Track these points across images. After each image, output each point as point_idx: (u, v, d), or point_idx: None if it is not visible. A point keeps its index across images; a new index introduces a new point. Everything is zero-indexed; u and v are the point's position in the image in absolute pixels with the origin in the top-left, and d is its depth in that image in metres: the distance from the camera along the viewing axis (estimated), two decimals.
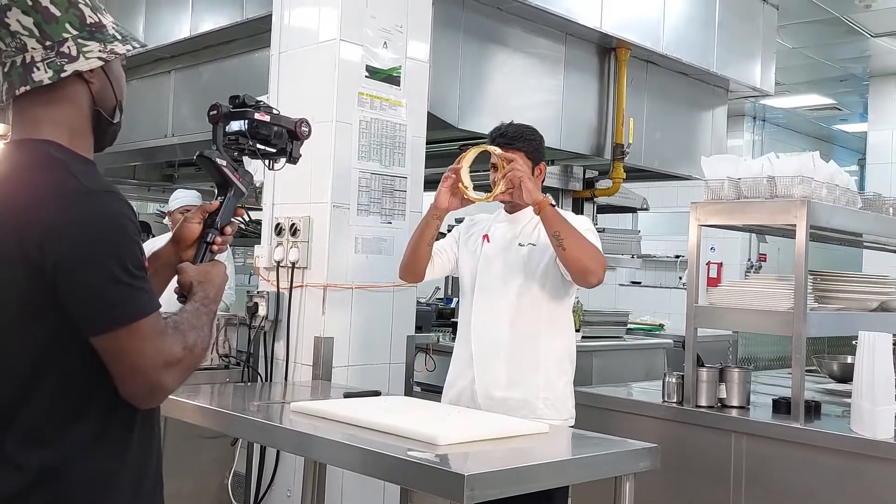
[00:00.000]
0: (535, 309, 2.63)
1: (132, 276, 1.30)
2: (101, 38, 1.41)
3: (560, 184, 4.85)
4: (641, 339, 5.09)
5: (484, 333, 2.68)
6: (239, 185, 1.64)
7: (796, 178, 2.71)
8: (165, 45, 4.94)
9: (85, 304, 1.28)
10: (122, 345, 1.29)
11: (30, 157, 1.36)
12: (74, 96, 1.41)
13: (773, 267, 8.86)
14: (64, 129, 1.39)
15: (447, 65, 3.99)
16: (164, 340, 1.32)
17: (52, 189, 1.31)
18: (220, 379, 3.37)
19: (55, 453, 1.31)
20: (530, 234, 2.67)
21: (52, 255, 1.26)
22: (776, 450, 2.63)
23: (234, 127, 1.68)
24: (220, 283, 1.51)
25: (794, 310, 2.65)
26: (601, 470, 2.08)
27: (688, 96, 5.36)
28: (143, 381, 1.31)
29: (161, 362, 1.31)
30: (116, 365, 1.30)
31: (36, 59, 1.36)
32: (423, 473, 1.84)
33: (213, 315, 1.46)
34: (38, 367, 1.31)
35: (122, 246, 1.30)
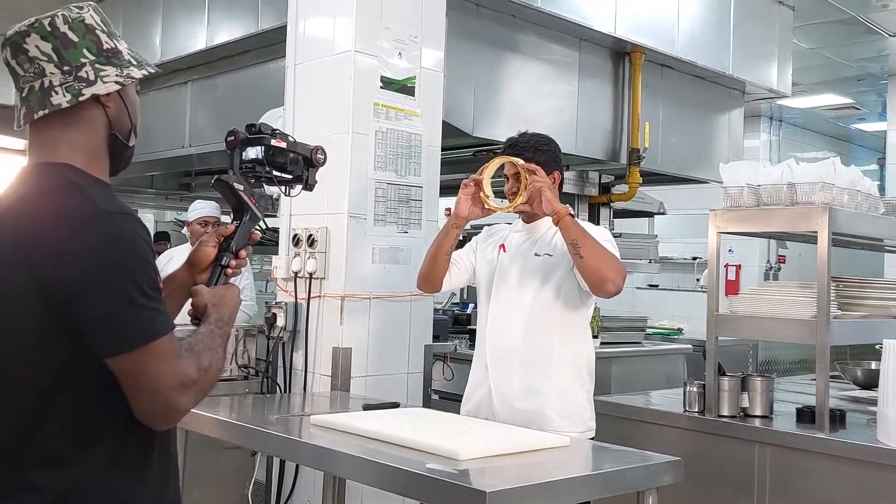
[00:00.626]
0: (548, 319, 2.61)
1: (147, 297, 1.30)
2: (118, 63, 1.44)
3: (576, 189, 4.83)
4: (660, 344, 5.06)
5: (498, 343, 2.67)
6: (254, 209, 1.65)
7: (817, 185, 2.69)
8: (182, 57, 4.97)
9: (100, 326, 1.28)
10: (138, 366, 1.29)
11: (46, 181, 1.38)
12: (91, 120, 1.42)
13: (793, 269, 8.78)
14: (81, 152, 1.41)
15: (461, 73, 3.98)
16: (180, 361, 1.32)
17: (67, 212, 1.32)
18: (239, 390, 3.38)
19: (73, 476, 1.31)
20: (547, 244, 2.65)
21: (66, 277, 1.27)
22: (801, 460, 2.60)
23: (251, 154, 1.70)
24: (233, 305, 1.52)
25: (817, 318, 2.63)
26: (624, 485, 2.06)
27: (703, 99, 5.32)
28: (159, 402, 1.31)
29: (176, 383, 1.31)
30: (132, 386, 1.30)
31: (54, 84, 1.38)
32: (444, 489, 1.83)
33: (226, 337, 1.47)
34: (53, 389, 1.31)
35: (137, 267, 1.31)
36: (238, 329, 3.56)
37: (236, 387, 3.41)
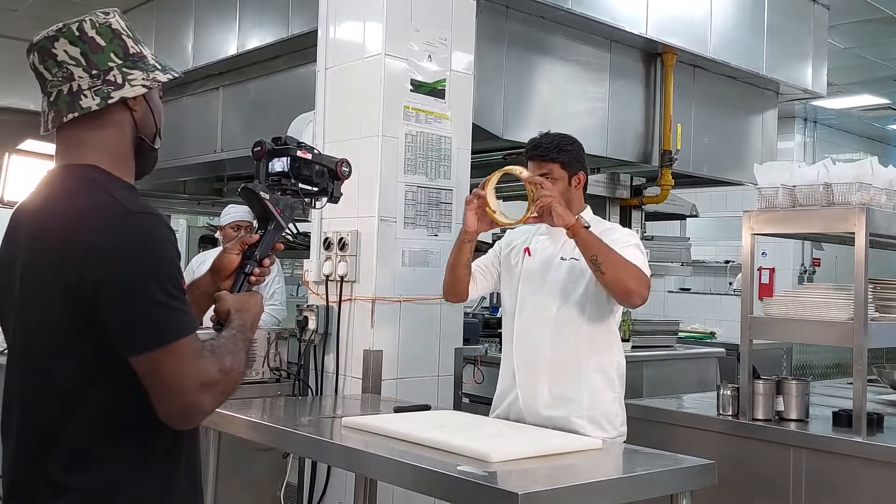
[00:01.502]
0: (576, 325, 2.58)
1: (171, 296, 1.31)
2: (144, 68, 1.46)
3: (607, 192, 4.80)
4: (693, 347, 5.00)
5: (525, 350, 2.64)
6: (280, 219, 1.66)
7: (854, 185, 2.64)
8: (213, 63, 5.03)
9: (124, 325, 1.30)
10: (160, 365, 1.30)
11: (72, 182, 1.40)
12: (119, 122, 1.45)
13: (829, 273, 8.63)
14: (107, 154, 1.43)
15: (491, 76, 3.98)
16: (202, 362, 1.33)
17: (93, 211, 1.33)
18: (271, 392, 3.40)
19: (101, 476, 1.33)
20: (572, 248, 2.59)
21: (92, 276, 1.29)
22: (838, 465, 2.55)
23: (277, 167, 1.72)
24: (256, 312, 1.53)
25: (855, 320, 2.58)
26: (657, 488, 2.04)
27: (737, 100, 5.26)
28: (181, 402, 1.32)
29: (198, 383, 1.31)
30: (154, 385, 1.31)
31: (83, 87, 1.41)
32: (476, 491, 1.83)
33: (249, 343, 1.47)
34: (82, 388, 1.33)
35: (162, 267, 1.32)
36: (270, 332, 3.59)
37: (268, 389, 3.44)
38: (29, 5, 5.86)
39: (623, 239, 2.55)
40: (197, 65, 5.12)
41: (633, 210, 4.96)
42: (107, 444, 1.33)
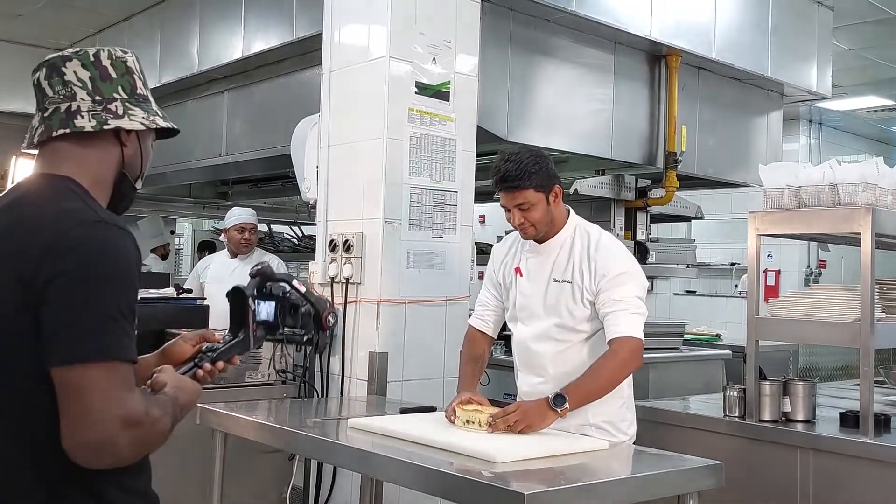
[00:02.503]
0: (576, 343, 2.52)
1: (123, 316, 1.25)
2: (147, 109, 1.48)
3: (612, 194, 4.80)
4: (698, 350, 4.99)
5: (529, 369, 2.61)
6: (251, 337, 1.62)
7: (860, 185, 2.64)
8: (219, 66, 5.04)
9: (62, 328, 1.21)
10: (87, 382, 1.19)
11: (48, 186, 1.38)
12: (106, 151, 1.44)
13: (835, 275, 8.61)
14: (87, 174, 1.41)
15: (496, 78, 3.99)
16: (132, 395, 1.24)
17: (62, 214, 1.31)
18: (276, 394, 3.41)
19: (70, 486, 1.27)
20: (564, 268, 2.53)
21: (46, 272, 1.23)
22: (845, 466, 2.55)
23: (263, 315, 1.66)
24: (192, 398, 1.44)
25: (861, 321, 2.57)
26: (663, 488, 2.04)
27: (741, 101, 5.26)
28: (95, 431, 1.19)
29: (122, 415, 1.20)
30: (71, 405, 1.20)
31: (82, 109, 1.41)
32: (482, 492, 1.83)
33: (176, 418, 1.35)
34: (37, 393, 1.25)
35: (121, 282, 1.27)
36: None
37: (274, 391, 3.44)
38: (34, 11, 5.89)
39: (615, 270, 2.45)
40: (202, 68, 5.14)
41: (637, 212, 4.95)
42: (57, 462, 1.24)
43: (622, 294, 2.42)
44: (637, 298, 2.44)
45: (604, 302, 2.43)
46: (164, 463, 3.11)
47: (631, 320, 2.40)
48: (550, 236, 2.57)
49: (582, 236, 2.55)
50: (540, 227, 2.53)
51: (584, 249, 2.51)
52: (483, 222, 9.10)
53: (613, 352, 2.39)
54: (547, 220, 2.52)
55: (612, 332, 2.40)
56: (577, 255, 2.52)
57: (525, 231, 2.54)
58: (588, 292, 2.47)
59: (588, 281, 2.47)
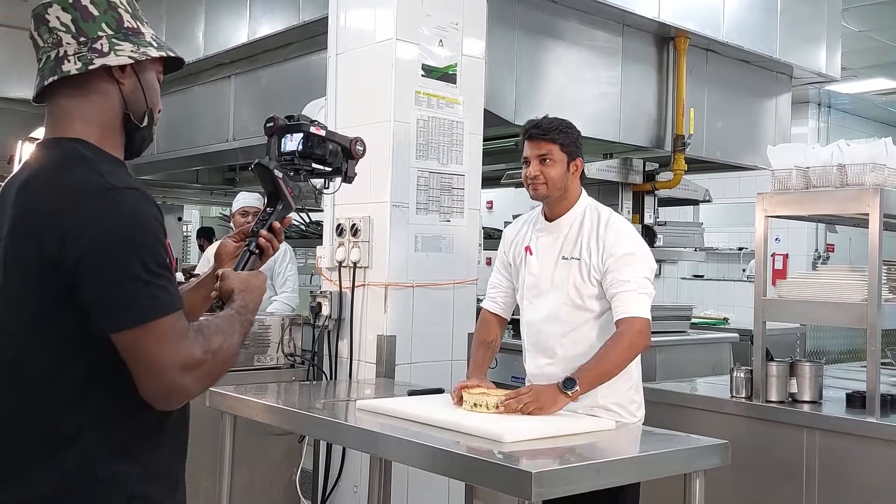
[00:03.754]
0: (586, 321, 2.52)
1: (153, 273, 1.28)
2: (136, 42, 1.43)
3: (620, 177, 4.79)
4: (706, 333, 4.99)
5: (536, 353, 2.62)
6: (289, 198, 1.62)
7: (868, 166, 2.63)
8: (225, 51, 5.04)
9: (103, 301, 1.27)
10: (140, 343, 1.27)
11: (56, 156, 1.37)
12: (104, 93, 1.41)
13: (843, 258, 8.58)
14: (94, 126, 1.40)
15: (503, 61, 3.98)
16: (183, 343, 1.29)
17: (75, 186, 1.31)
18: (285, 377, 3.43)
19: (83, 457, 1.30)
20: (573, 245, 2.54)
21: (72, 251, 1.26)
22: (851, 445, 2.55)
23: (289, 146, 1.67)
24: (259, 293, 1.49)
25: (868, 301, 2.57)
26: (670, 467, 2.05)
27: (750, 84, 5.23)
28: (161, 383, 1.28)
29: (179, 363, 1.28)
30: (134, 364, 1.28)
31: (69, 53, 1.38)
32: (491, 471, 1.84)
33: (247, 325, 1.43)
34: (58, 366, 1.30)
35: (144, 243, 1.29)
36: (284, 318, 3.62)
37: (283, 375, 3.46)
38: None
39: (623, 249, 2.45)
40: (208, 53, 5.14)
41: (645, 195, 4.94)
42: (88, 426, 1.30)
43: (629, 274, 2.43)
44: (644, 279, 2.45)
45: (611, 282, 2.44)
46: None
47: (638, 300, 2.41)
48: (561, 213, 2.58)
49: (592, 216, 2.56)
50: (552, 188, 2.51)
51: (594, 228, 2.52)
52: (490, 208, 9.11)
53: (620, 333, 2.40)
54: (561, 185, 2.52)
55: (620, 313, 2.41)
56: (587, 232, 2.52)
57: (537, 188, 2.52)
58: (595, 270, 2.48)
59: (596, 258, 2.48)
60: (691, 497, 2.02)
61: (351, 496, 3.31)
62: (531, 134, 2.54)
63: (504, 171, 5.49)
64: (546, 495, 1.73)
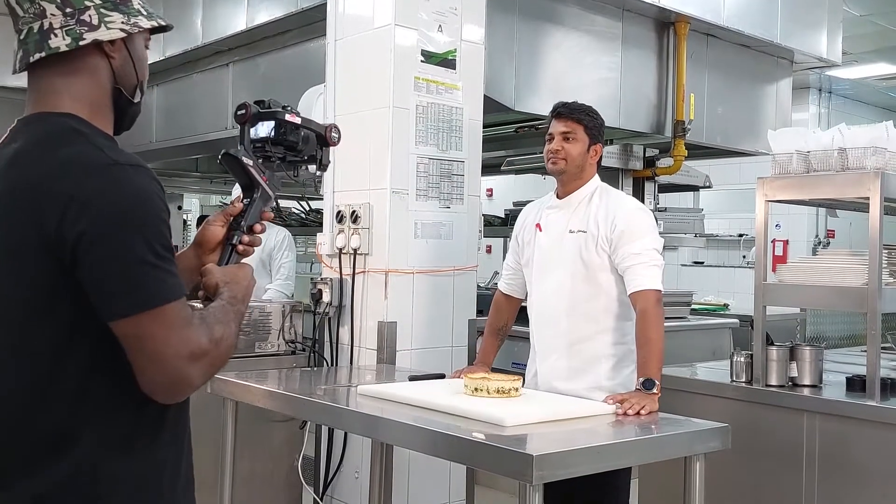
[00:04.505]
0: (593, 298, 2.58)
1: (159, 256, 1.20)
2: (126, 11, 1.33)
3: (620, 163, 4.78)
4: (706, 319, 5.00)
5: (542, 326, 2.67)
6: (266, 187, 1.54)
7: (869, 150, 2.62)
8: (223, 39, 5.02)
9: (105, 285, 1.18)
10: (145, 331, 1.19)
11: (48, 130, 1.27)
12: (94, 69, 1.32)
13: (843, 244, 8.58)
14: (83, 103, 1.31)
15: (502, 46, 3.96)
16: (191, 330, 1.22)
17: (75, 160, 1.22)
18: (286, 364, 3.43)
19: (82, 454, 1.22)
20: (581, 219, 2.61)
21: (72, 230, 1.17)
22: (851, 429, 2.56)
23: (261, 132, 1.58)
24: (246, 284, 1.41)
25: (869, 285, 2.57)
26: (671, 450, 2.06)
27: (750, 69, 5.21)
28: (166, 372, 1.21)
29: (186, 352, 1.21)
30: (137, 354, 1.20)
31: (55, 26, 1.28)
32: (492, 454, 1.85)
33: (240, 315, 1.36)
34: (56, 360, 1.22)
35: (149, 223, 1.21)
36: (284, 305, 3.62)
37: (284, 361, 3.47)
38: None
39: (631, 224, 2.53)
40: (206, 41, 5.12)
41: (645, 181, 4.93)
42: (87, 421, 1.22)
43: (639, 247, 2.50)
44: (654, 250, 2.53)
45: (623, 256, 2.51)
46: None
47: (650, 272, 2.49)
48: (573, 190, 2.66)
49: (602, 193, 2.66)
50: (570, 164, 2.62)
51: (602, 203, 2.61)
52: (490, 196, 9.10)
53: (643, 311, 2.47)
54: (579, 164, 2.63)
55: (633, 286, 2.49)
56: (595, 207, 2.62)
57: (556, 162, 2.63)
58: (604, 241, 2.54)
59: (604, 230, 2.55)
60: (691, 480, 2.03)
61: (352, 482, 3.32)
62: (559, 112, 2.66)
63: (504, 159, 5.48)
64: (547, 478, 1.74)
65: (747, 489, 2.79)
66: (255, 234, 1.51)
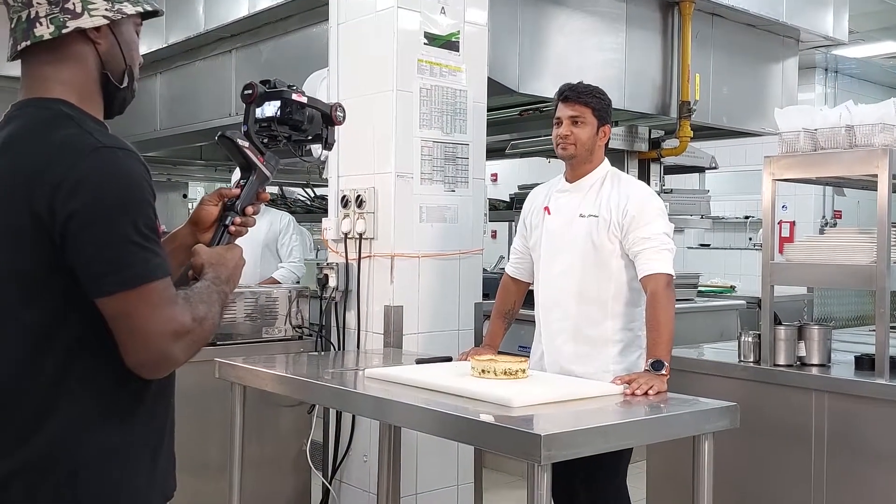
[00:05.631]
0: (602, 283, 2.57)
1: (144, 237, 1.25)
2: None
3: (625, 145, 4.76)
4: (713, 300, 4.99)
5: (550, 310, 2.66)
6: (262, 168, 1.55)
7: (877, 126, 2.60)
8: (225, 25, 5.00)
9: (93, 263, 1.23)
10: (129, 309, 1.23)
11: (39, 115, 1.32)
12: (81, 56, 1.35)
13: (851, 223, 8.54)
14: (72, 89, 1.34)
15: (506, 28, 3.94)
16: (174, 308, 1.26)
17: (66, 143, 1.26)
18: (293, 349, 3.44)
19: (64, 428, 1.26)
20: (592, 203, 2.60)
21: (63, 211, 1.22)
22: (860, 407, 2.55)
23: (267, 112, 1.58)
24: (233, 266, 1.44)
25: (877, 263, 2.56)
26: (679, 429, 2.05)
27: (756, 49, 5.17)
28: (150, 350, 1.25)
29: (170, 330, 1.25)
30: (122, 331, 1.25)
31: (40, 15, 1.32)
32: (500, 434, 1.85)
33: (224, 296, 1.39)
34: (43, 336, 1.26)
35: (135, 205, 1.25)
36: (291, 290, 3.62)
37: (291, 346, 3.47)
38: None
39: (643, 209, 2.53)
40: (209, 27, 5.09)
41: (651, 163, 4.92)
42: (70, 396, 1.26)
43: (651, 231, 2.51)
44: (665, 235, 2.53)
45: (634, 241, 2.51)
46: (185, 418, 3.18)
47: (661, 257, 2.49)
48: (583, 174, 2.65)
49: (613, 178, 2.65)
50: (580, 149, 2.60)
51: (614, 188, 2.60)
52: (495, 181, 9.07)
53: (653, 295, 2.47)
54: (588, 148, 2.62)
55: (645, 270, 2.49)
56: (606, 191, 2.61)
57: (565, 147, 2.62)
58: (616, 226, 2.54)
59: (616, 215, 2.54)
60: (700, 460, 2.03)
61: (361, 466, 3.33)
62: (566, 96, 2.63)
63: (508, 142, 5.46)
64: (555, 458, 1.74)
65: (756, 468, 2.79)
66: (247, 215, 1.53)
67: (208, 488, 3.26)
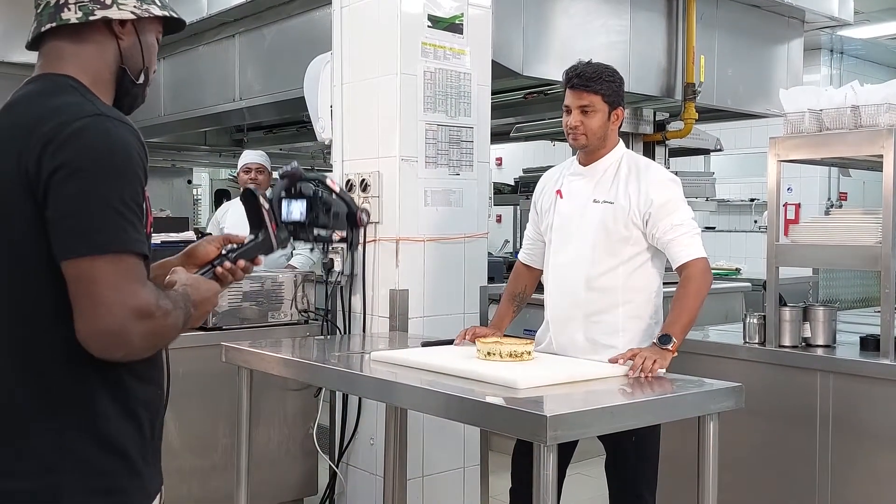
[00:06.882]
0: (613, 270, 2.51)
1: (127, 207, 1.22)
2: None
3: (630, 128, 4.75)
4: (718, 283, 4.98)
5: (559, 296, 2.61)
6: (271, 235, 1.55)
7: (883, 106, 2.59)
8: (228, 10, 4.98)
9: (67, 221, 1.20)
10: (97, 274, 1.18)
11: (46, 84, 1.34)
12: (101, 45, 1.38)
13: (857, 204, 8.51)
14: (86, 72, 1.36)
15: (510, 10, 3.91)
16: (143, 287, 1.22)
17: (64, 106, 1.27)
18: (299, 333, 3.46)
19: (52, 400, 1.25)
20: (607, 189, 2.53)
21: (48, 165, 1.20)
22: (865, 388, 2.56)
23: (294, 215, 1.59)
24: (205, 294, 1.39)
25: (883, 243, 2.56)
26: (684, 410, 2.06)
27: (761, 30, 5.14)
28: (107, 321, 1.19)
29: (133, 304, 1.20)
30: (83, 297, 1.19)
31: (69, 1, 1.35)
32: (506, 415, 1.86)
33: (188, 316, 1.32)
34: (39, 297, 1.24)
35: (123, 175, 1.23)
36: (297, 275, 3.63)
37: (297, 331, 3.49)
38: None
39: (668, 196, 2.47)
40: (212, 12, 5.08)
41: (656, 145, 4.90)
42: (55, 357, 1.24)
43: (680, 218, 2.46)
44: (693, 220, 2.49)
45: (664, 230, 2.46)
46: (192, 403, 3.20)
47: (694, 242, 2.46)
48: (597, 158, 2.57)
49: (629, 162, 2.57)
50: (591, 138, 2.51)
51: (632, 174, 2.52)
52: (500, 165, 9.06)
53: (688, 277, 2.43)
54: (600, 135, 2.52)
55: (682, 257, 2.45)
56: (623, 178, 2.52)
57: (576, 138, 2.53)
58: (635, 215, 2.48)
59: (636, 204, 2.48)
60: (705, 440, 2.04)
61: (368, 449, 3.35)
62: (573, 84, 2.51)
63: (513, 125, 5.45)
64: (561, 438, 1.75)
65: (761, 449, 2.80)
66: (237, 268, 1.51)
67: (216, 472, 3.29)
